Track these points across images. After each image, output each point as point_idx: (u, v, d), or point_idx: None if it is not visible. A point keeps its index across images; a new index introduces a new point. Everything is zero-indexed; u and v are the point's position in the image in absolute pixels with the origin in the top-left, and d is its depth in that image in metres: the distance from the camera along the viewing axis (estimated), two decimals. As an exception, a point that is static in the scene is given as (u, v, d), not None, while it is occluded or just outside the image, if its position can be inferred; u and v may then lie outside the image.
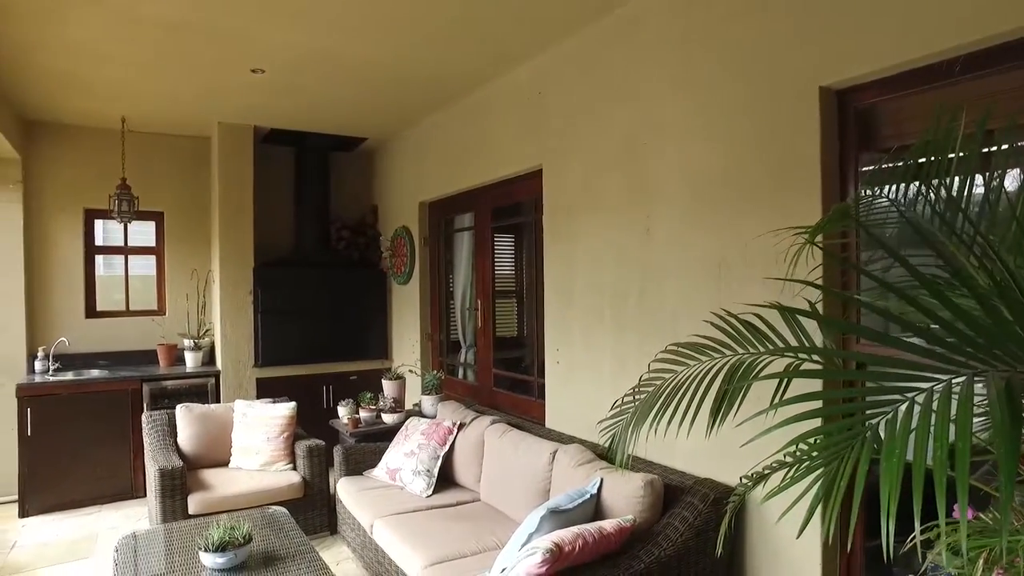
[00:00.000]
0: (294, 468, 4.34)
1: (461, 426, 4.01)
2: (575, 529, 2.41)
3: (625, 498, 2.72)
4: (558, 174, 3.80)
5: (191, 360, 5.56)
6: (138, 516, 4.73)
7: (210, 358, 5.73)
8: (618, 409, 1.91)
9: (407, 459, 3.90)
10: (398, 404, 4.59)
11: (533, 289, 4.38)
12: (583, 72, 3.57)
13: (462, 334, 5.21)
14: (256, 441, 4.36)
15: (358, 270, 6.19)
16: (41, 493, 4.80)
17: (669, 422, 1.64)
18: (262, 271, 5.62)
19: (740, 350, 1.68)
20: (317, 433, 4.62)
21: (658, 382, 1.77)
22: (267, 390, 5.45)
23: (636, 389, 1.88)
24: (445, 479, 3.94)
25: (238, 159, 5.55)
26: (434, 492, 3.78)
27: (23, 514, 4.74)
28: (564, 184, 3.74)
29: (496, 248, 4.81)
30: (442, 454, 3.90)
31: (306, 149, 6.07)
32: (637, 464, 3.00)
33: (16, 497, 4.78)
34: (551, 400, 3.87)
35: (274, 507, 3.58)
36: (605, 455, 3.17)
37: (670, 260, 3.00)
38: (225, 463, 4.42)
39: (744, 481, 1.90)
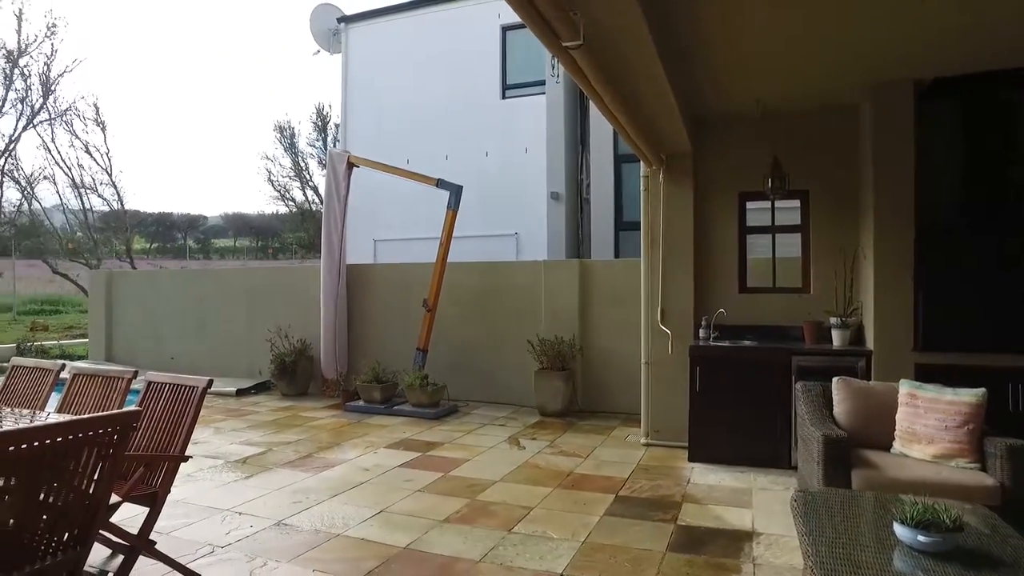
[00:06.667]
0: (982, 468, 3.59)
1: None
2: None
3: None
4: None
5: (837, 338, 5.36)
6: (785, 484, 4.78)
7: (857, 337, 5.40)
8: None
9: None
10: None
11: None
12: None
13: None
14: (928, 428, 3.79)
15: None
16: (704, 444, 5.44)
17: None
18: (924, 244, 4.94)
19: None
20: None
21: None
22: (927, 380, 4.73)
23: None
24: None
25: (894, 122, 5.05)
26: None
27: (691, 459, 5.47)
28: None
29: None
30: None
31: (976, 97, 5.07)
32: None
33: (686, 444, 5.54)
34: None
35: (978, 505, 2.99)
36: None
37: None
38: (885, 446, 4.00)
39: None
